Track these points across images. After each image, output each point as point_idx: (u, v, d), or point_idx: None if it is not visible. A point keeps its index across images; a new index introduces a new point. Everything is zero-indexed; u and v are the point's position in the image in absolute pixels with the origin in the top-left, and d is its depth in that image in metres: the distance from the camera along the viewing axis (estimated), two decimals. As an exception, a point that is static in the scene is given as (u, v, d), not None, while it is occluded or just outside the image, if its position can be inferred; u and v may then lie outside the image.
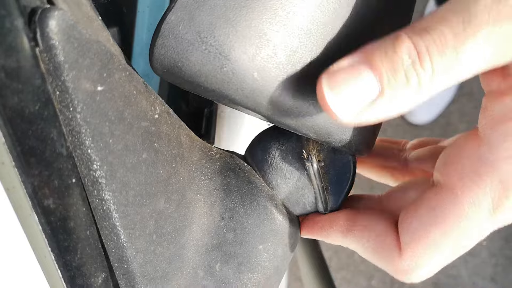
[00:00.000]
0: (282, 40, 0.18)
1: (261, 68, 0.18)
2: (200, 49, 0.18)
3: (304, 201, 0.24)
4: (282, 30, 0.18)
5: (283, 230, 0.23)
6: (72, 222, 0.17)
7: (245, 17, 0.18)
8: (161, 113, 0.20)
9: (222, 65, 0.18)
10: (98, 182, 0.17)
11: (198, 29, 0.18)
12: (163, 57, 0.19)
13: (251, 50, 0.18)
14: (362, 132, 0.22)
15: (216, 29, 0.18)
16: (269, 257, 0.23)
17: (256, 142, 0.25)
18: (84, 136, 0.16)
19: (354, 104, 0.17)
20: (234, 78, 0.18)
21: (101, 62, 0.16)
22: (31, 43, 0.15)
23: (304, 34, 0.19)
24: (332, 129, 0.21)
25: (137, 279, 0.20)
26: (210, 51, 0.18)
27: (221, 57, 0.18)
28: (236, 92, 0.19)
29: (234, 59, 0.18)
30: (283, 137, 0.24)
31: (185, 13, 0.18)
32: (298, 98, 0.19)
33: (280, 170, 0.24)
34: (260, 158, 0.24)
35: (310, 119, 0.20)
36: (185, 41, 0.18)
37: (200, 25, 0.18)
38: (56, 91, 0.15)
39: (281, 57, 0.19)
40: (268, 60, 0.18)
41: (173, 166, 0.21)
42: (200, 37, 0.18)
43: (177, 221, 0.21)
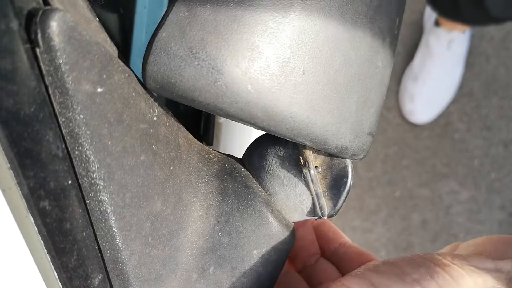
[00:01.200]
0: (274, 52, 0.19)
1: (254, 81, 0.18)
2: (193, 65, 0.18)
3: (302, 207, 0.24)
4: (274, 41, 0.19)
5: (278, 236, 0.23)
6: (68, 223, 0.17)
7: (236, 30, 0.18)
8: (160, 115, 0.20)
9: (215, 80, 0.18)
10: (96, 183, 0.17)
11: (189, 45, 0.18)
12: (156, 74, 0.19)
13: (244, 63, 0.18)
14: (358, 137, 0.22)
15: (208, 44, 0.18)
16: (263, 262, 0.23)
17: (252, 149, 0.25)
18: (83, 138, 0.16)
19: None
20: (228, 91, 0.18)
21: (101, 64, 0.16)
22: (27, 44, 0.14)
23: (296, 45, 0.19)
24: (328, 136, 0.21)
25: (131, 281, 0.20)
26: (202, 66, 0.18)
27: (214, 72, 0.18)
28: (231, 106, 0.19)
29: (227, 73, 0.18)
30: (280, 143, 0.24)
31: (176, 29, 0.19)
32: (293, 108, 0.19)
33: (277, 177, 0.24)
34: (257, 165, 0.24)
35: (305, 128, 0.20)
36: (177, 57, 0.18)
37: (191, 41, 0.18)
38: (56, 92, 0.15)
39: (274, 68, 0.19)
40: (261, 72, 0.19)
41: (171, 168, 0.21)
42: (192, 53, 0.18)
43: (173, 224, 0.21)
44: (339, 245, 0.31)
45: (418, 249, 1.00)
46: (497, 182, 1.02)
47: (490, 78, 1.04)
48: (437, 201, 1.02)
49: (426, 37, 1.02)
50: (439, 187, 1.02)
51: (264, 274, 0.23)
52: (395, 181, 1.03)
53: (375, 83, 0.22)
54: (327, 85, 0.20)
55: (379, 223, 1.02)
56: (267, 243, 0.23)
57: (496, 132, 1.03)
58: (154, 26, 0.19)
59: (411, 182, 1.03)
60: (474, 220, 1.01)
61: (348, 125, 0.21)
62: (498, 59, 1.04)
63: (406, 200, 1.03)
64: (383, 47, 0.22)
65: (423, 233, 1.01)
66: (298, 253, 0.31)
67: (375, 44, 0.22)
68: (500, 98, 1.03)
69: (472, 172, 1.02)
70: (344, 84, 0.21)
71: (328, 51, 0.20)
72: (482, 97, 1.04)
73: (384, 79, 0.23)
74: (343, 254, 0.31)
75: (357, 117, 0.22)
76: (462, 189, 1.02)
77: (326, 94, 0.20)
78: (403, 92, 1.04)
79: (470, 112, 1.05)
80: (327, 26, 0.20)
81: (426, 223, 1.02)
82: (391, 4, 0.22)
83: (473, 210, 1.01)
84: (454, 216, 1.01)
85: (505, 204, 1.01)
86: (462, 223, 1.01)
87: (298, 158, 0.23)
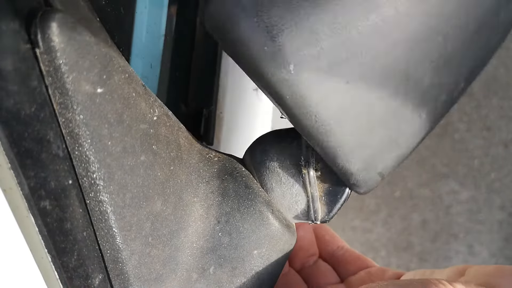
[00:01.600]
0: (330, 47, 0.18)
1: (299, 63, 0.18)
2: (252, 21, 0.18)
3: (297, 208, 0.24)
4: (334, 37, 0.18)
5: (279, 236, 0.23)
6: (69, 223, 0.17)
7: (306, 8, 0.18)
8: (160, 116, 0.20)
9: (265, 44, 0.18)
10: (96, 184, 0.17)
11: (257, 0, 0.18)
12: (215, 13, 0.18)
13: (298, 42, 0.18)
14: (367, 170, 0.22)
15: (274, 8, 0.18)
16: (263, 262, 0.23)
17: (256, 144, 0.25)
18: (83, 138, 0.16)
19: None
20: (271, 61, 0.18)
21: (101, 64, 0.16)
22: (27, 45, 0.14)
23: (354, 52, 0.19)
24: (339, 153, 0.21)
25: (131, 280, 0.20)
26: (259, 26, 0.18)
27: (267, 37, 0.18)
28: (266, 75, 0.19)
29: (278, 44, 0.18)
30: (284, 142, 0.24)
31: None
32: (321, 108, 0.19)
33: (276, 174, 0.24)
34: (258, 160, 0.24)
35: (323, 133, 0.20)
36: (241, 6, 0.18)
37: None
38: (56, 92, 0.15)
39: (323, 62, 0.18)
40: (309, 59, 0.18)
41: (171, 168, 0.21)
42: (256, 9, 0.18)
43: (173, 224, 0.21)
44: (337, 248, 0.31)
45: (418, 249, 1.00)
46: (497, 182, 1.01)
47: (490, 78, 1.04)
48: (437, 201, 1.02)
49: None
50: (439, 187, 1.02)
51: (265, 274, 0.23)
52: (395, 181, 1.03)
53: (409, 132, 0.22)
54: (364, 107, 0.20)
55: (379, 223, 1.02)
56: (267, 243, 0.23)
57: (496, 132, 1.03)
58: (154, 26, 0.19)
59: (411, 182, 1.03)
60: (474, 220, 1.01)
61: (363, 154, 0.21)
62: (498, 59, 1.04)
63: (406, 200, 1.03)
64: (435, 102, 0.22)
65: (423, 233, 1.01)
66: (297, 253, 0.31)
67: (428, 94, 0.21)
68: (500, 98, 1.03)
69: (472, 172, 1.02)
70: (380, 116, 0.20)
71: (379, 76, 0.19)
72: (482, 97, 1.04)
73: (419, 133, 0.22)
74: (341, 257, 0.31)
75: (375, 151, 0.21)
76: (462, 189, 1.02)
77: (357, 114, 0.20)
78: (403, 92, 1.04)
79: (470, 112, 1.04)
80: (391, 49, 0.19)
81: (426, 223, 1.02)
82: (464, 66, 0.22)
83: (473, 210, 1.01)
84: (454, 216, 1.01)
85: (505, 204, 1.01)
86: (462, 223, 1.01)
87: (300, 159, 0.23)
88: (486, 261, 0.99)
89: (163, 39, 0.33)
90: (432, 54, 0.20)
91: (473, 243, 1.00)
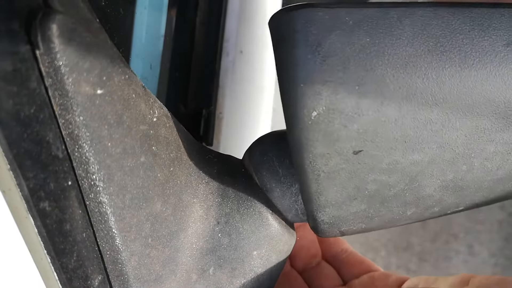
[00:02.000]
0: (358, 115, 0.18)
1: (325, 112, 0.18)
2: (309, 57, 0.18)
3: (297, 208, 0.24)
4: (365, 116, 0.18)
5: (278, 237, 0.23)
6: (68, 224, 0.17)
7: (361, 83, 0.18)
8: (160, 117, 0.20)
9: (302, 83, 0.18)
10: (96, 185, 0.17)
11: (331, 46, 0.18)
12: (281, 24, 0.18)
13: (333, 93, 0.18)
14: (331, 226, 0.22)
15: (347, 71, 0.18)
16: (263, 263, 0.23)
17: (255, 145, 0.25)
18: (83, 139, 0.16)
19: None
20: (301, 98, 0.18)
21: (100, 65, 0.16)
22: (28, 46, 0.14)
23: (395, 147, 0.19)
24: (314, 201, 0.21)
25: (131, 281, 0.20)
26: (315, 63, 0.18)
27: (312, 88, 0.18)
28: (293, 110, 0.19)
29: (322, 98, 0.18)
30: (283, 142, 0.24)
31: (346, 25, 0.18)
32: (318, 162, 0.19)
33: (276, 174, 0.24)
34: (258, 160, 0.24)
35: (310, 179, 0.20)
36: (311, 36, 0.18)
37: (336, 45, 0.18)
38: (56, 94, 0.15)
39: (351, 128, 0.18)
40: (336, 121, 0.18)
41: (171, 169, 0.21)
42: (322, 52, 0.18)
43: (173, 225, 0.21)
44: (341, 250, 0.31)
45: (418, 249, 1.00)
46: (497, 182, 1.01)
47: (490, 78, 1.04)
48: (437, 201, 1.02)
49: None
50: (439, 187, 1.02)
51: (264, 275, 0.23)
52: (395, 181, 1.03)
53: (387, 218, 0.22)
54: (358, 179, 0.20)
55: (379, 223, 1.02)
56: (267, 244, 0.23)
57: (496, 132, 1.03)
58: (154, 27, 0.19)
59: (411, 182, 1.03)
60: (474, 220, 1.01)
61: (334, 213, 0.22)
62: (498, 59, 1.04)
63: (406, 200, 1.03)
64: (426, 209, 0.22)
65: (423, 233, 1.01)
66: (298, 252, 0.31)
67: (424, 201, 0.22)
68: (500, 98, 1.03)
69: (472, 172, 1.02)
70: (367, 193, 0.21)
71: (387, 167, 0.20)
72: (482, 97, 1.04)
73: (395, 223, 0.23)
74: (345, 259, 0.31)
75: (347, 217, 0.22)
76: (462, 189, 1.02)
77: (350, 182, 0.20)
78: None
79: (470, 112, 1.04)
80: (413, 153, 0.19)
81: (426, 223, 1.02)
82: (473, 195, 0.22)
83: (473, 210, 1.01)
84: (454, 216, 1.01)
85: (505, 204, 1.01)
86: (462, 223, 1.01)
87: None
88: (486, 261, 0.99)
89: (162, 40, 0.33)
90: (447, 175, 0.20)
91: (473, 243, 1.00)
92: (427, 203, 0.22)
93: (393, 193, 0.21)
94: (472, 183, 0.21)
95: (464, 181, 0.21)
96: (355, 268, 0.30)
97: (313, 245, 0.32)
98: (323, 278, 0.30)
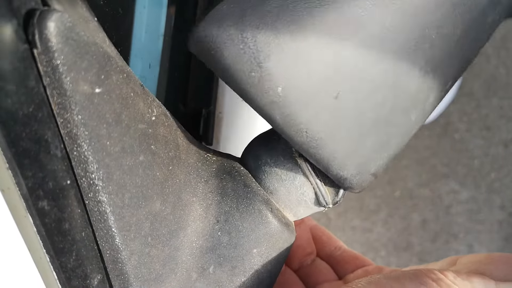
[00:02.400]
0: (318, 66, 0.18)
1: (287, 85, 0.18)
2: (238, 47, 0.18)
3: (306, 199, 0.24)
4: (322, 57, 0.18)
5: (278, 235, 0.23)
6: (67, 223, 0.17)
7: (292, 32, 0.18)
8: (158, 115, 0.20)
9: (251, 70, 0.18)
10: (95, 184, 0.17)
11: (243, 28, 0.18)
12: (200, 40, 0.19)
13: (285, 66, 0.18)
14: (361, 174, 0.22)
15: (260, 34, 0.18)
16: (263, 261, 0.23)
17: (246, 153, 0.25)
18: (81, 138, 0.16)
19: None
20: (258, 85, 0.18)
21: (99, 64, 0.16)
22: (26, 44, 0.14)
23: (342, 68, 0.19)
24: (333, 164, 0.21)
25: (131, 281, 0.20)
26: (245, 52, 0.18)
27: (253, 62, 0.18)
28: (255, 98, 0.19)
29: (265, 68, 0.18)
30: (272, 141, 0.24)
31: (237, 8, 0.18)
32: (312, 125, 0.19)
33: (275, 174, 0.24)
34: (253, 166, 0.24)
35: (315, 147, 0.20)
36: (226, 33, 0.18)
37: (246, 25, 0.18)
38: (54, 93, 0.15)
39: (311, 81, 0.19)
40: (297, 80, 0.18)
41: (170, 168, 0.21)
42: (242, 36, 0.18)
43: (172, 223, 0.21)
44: (335, 248, 0.31)
45: (418, 249, 1.00)
46: (497, 182, 1.01)
47: (490, 78, 1.04)
48: (437, 201, 1.02)
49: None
50: (439, 187, 1.02)
51: (264, 272, 0.23)
52: (395, 181, 1.03)
53: (400, 133, 0.22)
54: (354, 118, 0.20)
55: (379, 223, 1.02)
56: (266, 242, 0.23)
57: (496, 132, 1.03)
58: (154, 26, 0.19)
59: (411, 182, 1.03)
60: (474, 220, 1.01)
61: (356, 161, 0.21)
62: (498, 59, 1.04)
63: (406, 200, 1.03)
64: (423, 104, 0.22)
65: (423, 233, 1.01)
66: (295, 251, 0.31)
67: (416, 99, 0.21)
68: (500, 98, 1.03)
69: (472, 172, 1.02)
70: (370, 124, 0.21)
71: (368, 88, 0.20)
72: (482, 97, 1.04)
73: (410, 132, 0.23)
74: (339, 256, 0.31)
75: (368, 157, 0.22)
76: (462, 189, 1.02)
77: (348, 125, 0.20)
78: (403, 92, 1.04)
79: (470, 112, 1.04)
80: (378, 64, 0.19)
81: (426, 223, 1.02)
82: (451, 67, 0.22)
83: (473, 210, 1.01)
84: (454, 216, 1.01)
85: (505, 204, 1.01)
86: (462, 223, 1.01)
87: (292, 151, 0.23)
88: (486, 261, 0.99)
89: (162, 39, 0.33)
90: (419, 62, 0.20)
91: (473, 243, 1.00)
92: (420, 98, 0.21)
93: (389, 108, 0.21)
94: (444, 55, 0.21)
95: (435, 57, 0.21)
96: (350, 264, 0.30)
97: (309, 244, 0.32)
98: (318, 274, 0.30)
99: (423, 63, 0.20)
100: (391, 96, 0.20)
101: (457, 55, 0.22)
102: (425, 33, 0.20)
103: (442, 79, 0.22)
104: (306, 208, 0.24)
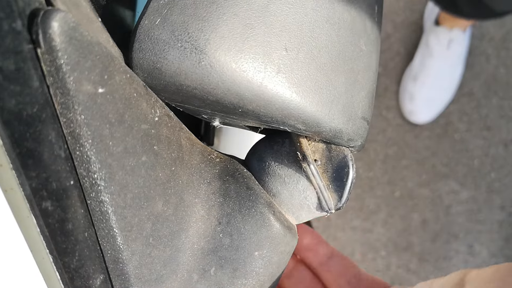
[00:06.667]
0: (255, 31, 0.19)
1: (238, 59, 0.19)
2: (176, 47, 0.19)
3: (308, 203, 0.24)
4: (255, 21, 0.19)
5: (280, 238, 0.23)
6: (70, 224, 0.17)
7: (215, 12, 0.19)
8: (161, 116, 0.20)
9: (199, 60, 0.19)
10: (97, 184, 0.17)
11: (171, 29, 0.19)
12: (142, 61, 0.19)
13: (226, 43, 0.19)
14: (352, 120, 0.22)
15: (189, 26, 0.19)
16: (264, 264, 0.23)
17: (250, 155, 0.25)
18: (84, 138, 0.16)
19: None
20: (213, 71, 0.19)
21: (102, 64, 0.16)
22: (30, 45, 0.14)
23: (279, 22, 0.19)
24: (320, 117, 0.21)
25: (131, 281, 0.20)
26: (186, 48, 0.19)
27: (197, 52, 0.18)
28: (218, 86, 0.19)
29: (210, 52, 0.19)
30: (276, 144, 0.24)
31: (157, 15, 0.19)
32: (279, 86, 0.19)
33: (278, 176, 0.24)
34: (257, 168, 0.24)
35: (295, 108, 0.20)
36: (160, 41, 0.19)
37: (173, 25, 0.19)
38: (57, 92, 0.15)
39: (257, 47, 0.19)
40: (244, 51, 0.19)
41: (172, 169, 0.21)
42: (175, 35, 0.19)
43: (174, 224, 0.21)
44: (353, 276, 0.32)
45: (418, 249, 1.00)
46: (497, 182, 1.02)
47: (490, 78, 1.04)
48: (437, 201, 1.02)
49: (426, 37, 1.02)
50: (439, 187, 1.02)
51: (266, 275, 0.23)
52: (395, 181, 1.03)
53: (362, 66, 0.23)
54: (311, 64, 0.20)
55: (379, 223, 1.02)
56: (268, 245, 0.23)
57: (496, 132, 1.03)
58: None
59: (411, 182, 1.03)
60: (474, 220, 1.01)
61: (339, 106, 0.21)
62: (498, 59, 1.04)
63: (406, 200, 1.03)
64: (365, 31, 0.23)
65: (423, 233, 1.01)
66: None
67: (356, 28, 0.22)
68: (500, 98, 1.03)
69: (472, 172, 1.02)
70: (328, 64, 0.21)
71: (309, 30, 0.20)
72: (482, 97, 1.04)
73: (371, 63, 0.23)
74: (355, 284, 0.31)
75: (347, 98, 0.22)
76: (462, 189, 1.02)
77: (311, 72, 0.20)
78: (403, 92, 1.04)
79: (470, 112, 1.04)
80: (306, 6, 0.20)
81: (426, 223, 1.02)
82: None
83: (473, 210, 1.01)
84: (454, 216, 1.01)
85: (505, 204, 1.01)
86: (462, 223, 1.01)
87: (296, 154, 0.23)
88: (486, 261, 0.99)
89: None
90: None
91: (473, 243, 1.00)
92: (358, 26, 0.22)
93: (337, 44, 0.21)
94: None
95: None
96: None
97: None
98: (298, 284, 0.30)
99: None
100: (333, 33, 0.21)
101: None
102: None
103: (366, 4, 0.23)
104: (308, 212, 0.24)
